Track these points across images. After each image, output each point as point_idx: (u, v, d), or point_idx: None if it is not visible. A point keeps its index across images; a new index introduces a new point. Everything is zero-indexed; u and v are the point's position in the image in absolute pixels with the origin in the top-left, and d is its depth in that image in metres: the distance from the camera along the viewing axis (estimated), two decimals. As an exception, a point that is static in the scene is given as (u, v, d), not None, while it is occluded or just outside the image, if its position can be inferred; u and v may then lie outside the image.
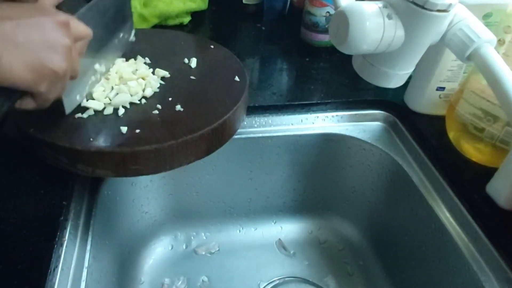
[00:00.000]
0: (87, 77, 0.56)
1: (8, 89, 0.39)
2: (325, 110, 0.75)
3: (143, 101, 0.59)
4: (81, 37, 0.46)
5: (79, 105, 0.56)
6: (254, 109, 0.72)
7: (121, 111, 0.56)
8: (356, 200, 0.80)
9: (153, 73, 0.64)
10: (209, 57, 0.70)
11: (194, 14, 0.96)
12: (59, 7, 0.47)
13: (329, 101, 0.75)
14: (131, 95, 0.59)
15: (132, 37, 0.66)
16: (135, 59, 0.66)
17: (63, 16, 0.42)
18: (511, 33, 0.56)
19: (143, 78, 0.62)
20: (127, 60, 0.65)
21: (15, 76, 0.38)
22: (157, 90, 0.61)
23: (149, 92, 0.59)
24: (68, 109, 0.53)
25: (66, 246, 0.50)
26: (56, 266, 0.47)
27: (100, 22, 0.55)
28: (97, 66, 0.57)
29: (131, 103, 0.58)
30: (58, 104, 0.49)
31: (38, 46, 0.39)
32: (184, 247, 0.81)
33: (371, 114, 0.77)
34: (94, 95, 0.57)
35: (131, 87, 0.59)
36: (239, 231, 0.84)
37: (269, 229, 0.85)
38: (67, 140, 0.51)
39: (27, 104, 0.43)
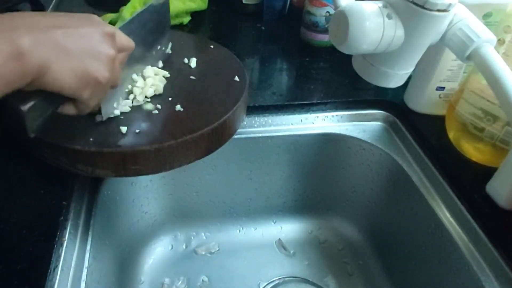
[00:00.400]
0: (124, 86, 0.58)
1: (53, 94, 0.41)
2: (325, 110, 0.75)
3: (143, 101, 0.59)
4: (124, 48, 0.48)
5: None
6: (254, 109, 0.72)
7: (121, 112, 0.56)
8: (356, 200, 0.80)
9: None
10: (209, 57, 0.70)
11: (194, 14, 0.96)
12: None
13: (329, 101, 0.75)
14: (137, 95, 0.59)
15: (168, 50, 0.68)
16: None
17: (110, 28, 0.44)
18: (511, 33, 0.56)
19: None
20: None
21: (62, 82, 0.40)
22: (162, 91, 0.61)
23: (150, 92, 0.59)
24: (105, 115, 0.54)
25: (66, 246, 0.50)
26: (56, 266, 0.47)
27: (140, 34, 0.58)
28: (134, 76, 0.60)
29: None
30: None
31: (85, 54, 0.41)
32: (184, 247, 0.81)
33: (371, 114, 0.77)
34: None
35: (139, 88, 0.60)
36: (239, 231, 0.84)
37: (269, 229, 0.85)
38: (67, 140, 0.51)
39: (69, 109, 0.45)
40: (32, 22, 0.38)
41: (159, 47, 0.66)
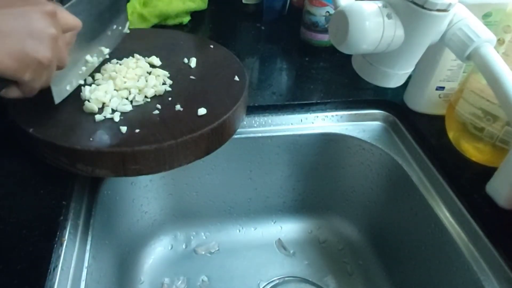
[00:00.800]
0: (77, 67, 0.56)
1: None
2: (324, 110, 0.75)
3: (143, 101, 0.59)
4: (70, 27, 0.46)
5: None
6: (254, 109, 0.72)
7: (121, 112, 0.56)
8: (355, 200, 0.80)
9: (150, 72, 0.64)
10: (208, 57, 0.70)
11: (194, 14, 0.96)
12: None
13: (329, 100, 0.75)
14: (138, 94, 0.59)
15: (126, 29, 0.66)
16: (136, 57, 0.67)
17: (50, 6, 0.42)
18: (510, 32, 0.56)
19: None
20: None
21: (0, 65, 0.39)
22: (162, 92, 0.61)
23: (151, 92, 0.59)
24: (57, 98, 0.53)
25: (66, 246, 0.50)
26: (56, 266, 0.47)
27: (93, 13, 0.56)
28: (88, 57, 0.58)
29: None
30: (46, 93, 0.49)
31: (22, 35, 0.40)
32: (184, 246, 0.81)
33: (371, 113, 0.77)
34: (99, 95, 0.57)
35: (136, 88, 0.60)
36: (239, 230, 0.84)
37: (268, 229, 0.85)
38: (66, 140, 0.51)
39: (12, 92, 0.44)
40: None
41: (115, 26, 0.63)
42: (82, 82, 0.58)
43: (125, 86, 0.59)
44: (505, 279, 0.52)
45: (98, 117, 0.54)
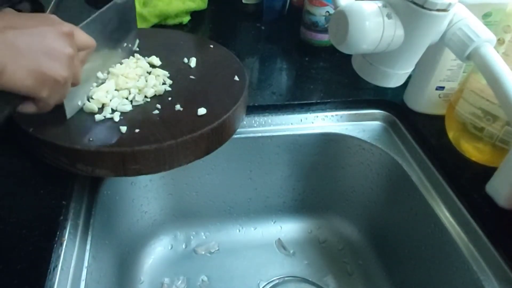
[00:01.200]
0: (89, 83, 0.58)
1: (10, 94, 0.41)
2: (324, 110, 0.75)
3: (143, 100, 0.59)
4: (85, 47, 0.48)
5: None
6: (254, 109, 0.72)
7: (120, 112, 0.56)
8: (355, 200, 0.80)
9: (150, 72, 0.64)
10: (208, 57, 0.70)
11: (194, 14, 0.96)
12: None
13: (329, 100, 0.75)
14: (138, 93, 0.59)
15: (135, 47, 0.68)
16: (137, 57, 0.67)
17: (67, 27, 0.44)
18: (510, 32, 0.56)
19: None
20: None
21: (17, 83, 0.40)
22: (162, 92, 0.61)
23: (151, 92, 0.59)
24: (69, 114, 0.54)
25: (65, 246, 0.50)
26: (56, 266, 0.47)
27: (105, 32, 0.58)
28: (99, 74, 0.59)
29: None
30: (58, 106, 0.50)
31: (40, 54, 0.41)
32: (183, 246, 0.81)
33: (371, 113, 0.77)
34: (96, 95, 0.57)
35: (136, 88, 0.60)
36: (239, 230, 0.84)
37: (268, 229, 0.85)
38: (66, 139, 0.51)
39: (28, 108, 0.45)
40: None
41: (125, 44, 0.65)
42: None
43: (126, 86, 0.59)
44: (505, 279, 0.52)
45: (98, 117, 0.54)
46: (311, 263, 0.80)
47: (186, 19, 0.93)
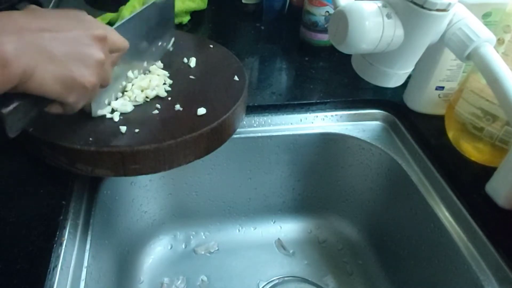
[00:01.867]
0: (118, 82, 0.57)
1: (39, 97, 0.40)
2: (324, 110, 0.75)
3: (142, 100, 0.59)
4: (118, 49, 0.47)
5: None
6: (254, 109, 0.72)
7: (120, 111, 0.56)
8: (355, 200, 0.80)
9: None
10: (208, 57, 0.70)
11: (194, 14, 0.96)
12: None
13: (328, 100, 0.75)
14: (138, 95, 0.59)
15: (170, 46, 0.67)
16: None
17: (100, 30, 0.43)
18: (510, 32, 0.56)
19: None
20: None
21: (46, 88, 0.39)
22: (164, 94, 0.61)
23: (153, 94, 0.59)
24: (95, 113, 0.54)
25: (65, 246, 0.50)
26: (56, 266, 0.47)
27: (142, 30, 0.57)
28: (130, 73, 0.59)
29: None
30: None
31: (71, 59, 0.40)
32: (183, 246, 0.81)
33: (371, 113, 0.77)
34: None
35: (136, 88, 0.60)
36: (239, 230, 0.84)
37: (268, 229, 0.85)
38: (66, 139, 0.51)
39: (56, 109, 0.45)
40: (18, 24, 0.38)
41: (160, 43, 0.65)
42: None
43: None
44: (504, 278, 0.52)
45: (98, 117, 0.54)
46: (311, 263, 0.80)
47: (186, 19, 0.93)
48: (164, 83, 0.62)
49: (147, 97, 0.59)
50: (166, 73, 0.64)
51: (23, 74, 0.37)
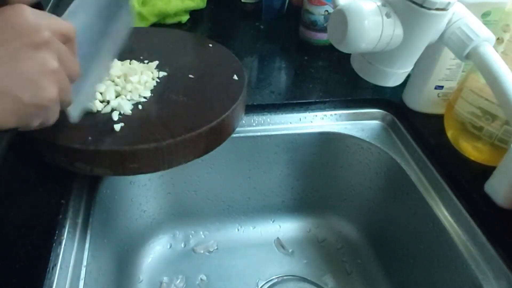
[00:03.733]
0: (92, 79, 0.50)
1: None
2: (323, 109, 0.75)
3: (142, 99, 0.59)
4: (67, 38, 0.38)
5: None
6: (253, 108, 0.72)
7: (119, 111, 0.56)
8: (354, 199, 0.81)
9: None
10: (207, 56, 0.70)
11: (193, 13, 0.96)
12: None
13: (328, 99, 0.75)
14: (131, 94, 0.59)
15: (130, 23, 0.64)
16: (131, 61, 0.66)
17: (37, 33, 0.35)
18: (509, 31, 0.56)
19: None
20: (122, 60, 0.65)
21: (2, 124, 0.34)
22: (153, 88, 0.61)
23: (147, 94, 0.59)
24: (74, 118, 0.47)
25: (64, 245, 0.50)
26: (55, 265, 0.47)
27: (93, 12, 0.50)
28: (102, 61, 0.52)
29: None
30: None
31: (15, 85, 0.33)
32: (182, 245, 0.81)
33: (370, 112, 0.77)
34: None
35: (133, 87, 0.59)
36: (238, 229, 0.84)
37: (267, 228, 0.85)
38: (65, 138, 0.51)
39: (28, 128, 0.39)
40: None
41: (117, 24, 0.55)
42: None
43: (126, 86, 0.59)
44: (503, 278, 0.52)
45: (97, 116, 0.54)
46: (310, 262, 0.80)
47: (185, 18, 0.93)
48: (163, 82, 0.62)
49: (145, 97, 0.59)
50: (165, 72, 0.64)
51: None
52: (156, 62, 0.66)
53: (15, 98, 0.33)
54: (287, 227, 0.85)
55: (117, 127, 0.53)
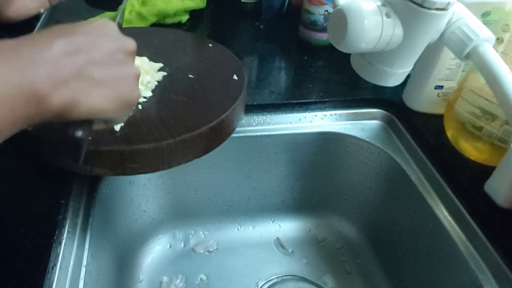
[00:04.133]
0: None
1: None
2: (323, 109, 0.75)
3: (142, 99, 0.59)
4: (134, 51, 0.44)
5: None
6: (253, 108, 0.72)
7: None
8: (354, 199, 0.80)
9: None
10: (207, 56, 0.70)
11: (193, 13, 0.96)
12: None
13: (328, 99, 0.75)
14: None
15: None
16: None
17: (127, 42, 0.42)
18: (509, 31, 0.56)
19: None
20: None
21: (96, 112, 0.38)
22: (154, 88, 0.61)
23: (148, 94, 0.59)
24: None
25: (64, 245, 0.50)
26: (55, 265, 0.47)
27: None
28: None
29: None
30: None
31: (113, 80, 0.39)
32: (182, 245, 0.81)
33: (370, 112, 0.77)
34: None
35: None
36: (237, 229, 0.84)
37: (267, 228, 0.85)
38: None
39: (98, 126, 0.42)
40: (49, 54, 0.34)
41: None
42: None
43: None
44: (503, 277, 0.52)
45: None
46: (310, 262, 0.80)
47: (185, 18, 0.93)
48: (163, 82, 0.62)
49: (145, 97, 0.59)
50: (165, 72, 0.64)
51: (65, 106, 0.34)
52: (161, 64, 0.65)
53: (113, 90, 0.39)
54: (287, 227, 0.85)
55: (117, 127, 0.53)
